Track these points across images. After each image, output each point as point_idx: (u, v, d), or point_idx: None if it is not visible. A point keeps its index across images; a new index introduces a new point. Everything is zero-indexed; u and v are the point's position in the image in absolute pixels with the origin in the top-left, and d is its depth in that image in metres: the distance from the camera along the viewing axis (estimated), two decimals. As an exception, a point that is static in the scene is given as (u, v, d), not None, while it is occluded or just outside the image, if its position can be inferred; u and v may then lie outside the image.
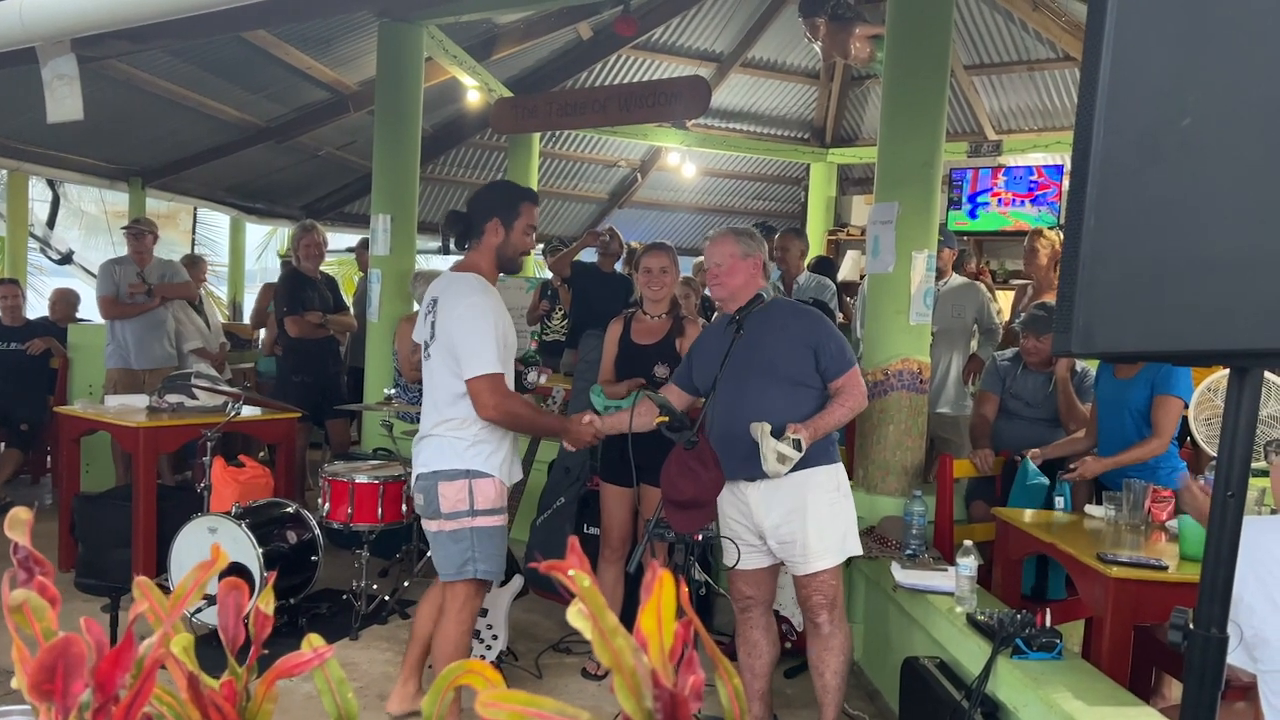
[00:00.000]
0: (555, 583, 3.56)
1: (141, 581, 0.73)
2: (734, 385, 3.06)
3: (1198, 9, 1.18)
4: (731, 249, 3.11)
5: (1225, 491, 1.34)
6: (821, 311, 3.49)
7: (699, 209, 11.88)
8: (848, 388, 3.04)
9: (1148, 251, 1.22)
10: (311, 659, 0.76)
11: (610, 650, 0.58)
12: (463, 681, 0.74)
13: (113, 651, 0.57)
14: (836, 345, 3.06)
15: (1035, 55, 8.66)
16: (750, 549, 3.15)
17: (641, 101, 6.35)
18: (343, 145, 9.06)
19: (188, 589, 0.63)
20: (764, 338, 3.06)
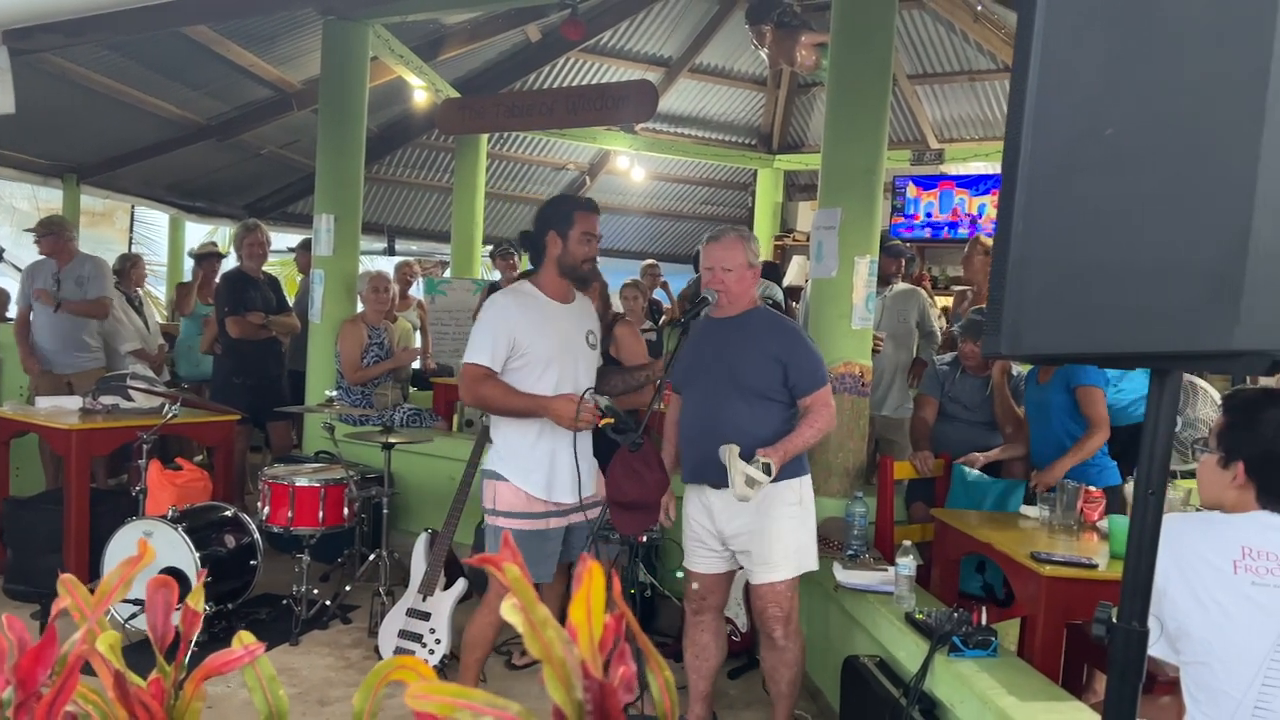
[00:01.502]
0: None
1: (67, 579, 0.73)
2: (701, 391, 3.10)
3: (1122, 24, 1.22)
4: (742, 257, 3.08)
5: (1146, 490, 1.39)
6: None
7: (647, 213, 11.92)
8: (816, 407, 3.02)
9: (1073, 256, 1.26)
10: (241, 656, 0.76)
11: (540, 641, 0.59)
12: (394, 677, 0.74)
13: (34, 648, 0.57)
14: (809, 363, 3.05)
15: (976, 66, 8.84)
16: (710, 552, 3.17)
17: (589, 105, 6.35)
18: (286, 144, 8.92)
19: (113, 585, 0.63)
20: (734, 347, 3.06)
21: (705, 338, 3.15)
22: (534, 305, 3.18)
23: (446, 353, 8.51)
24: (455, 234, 9.49)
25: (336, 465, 4.68)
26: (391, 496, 4.54)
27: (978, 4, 7.72)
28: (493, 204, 10.65)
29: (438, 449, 5.30)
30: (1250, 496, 1.83)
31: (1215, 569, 1.73)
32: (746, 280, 3.10)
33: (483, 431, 4.25)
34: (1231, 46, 1.17)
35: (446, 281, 9.05)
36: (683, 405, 3.22)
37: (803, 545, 3.09)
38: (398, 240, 11.18)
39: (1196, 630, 1.72)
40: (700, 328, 3.16)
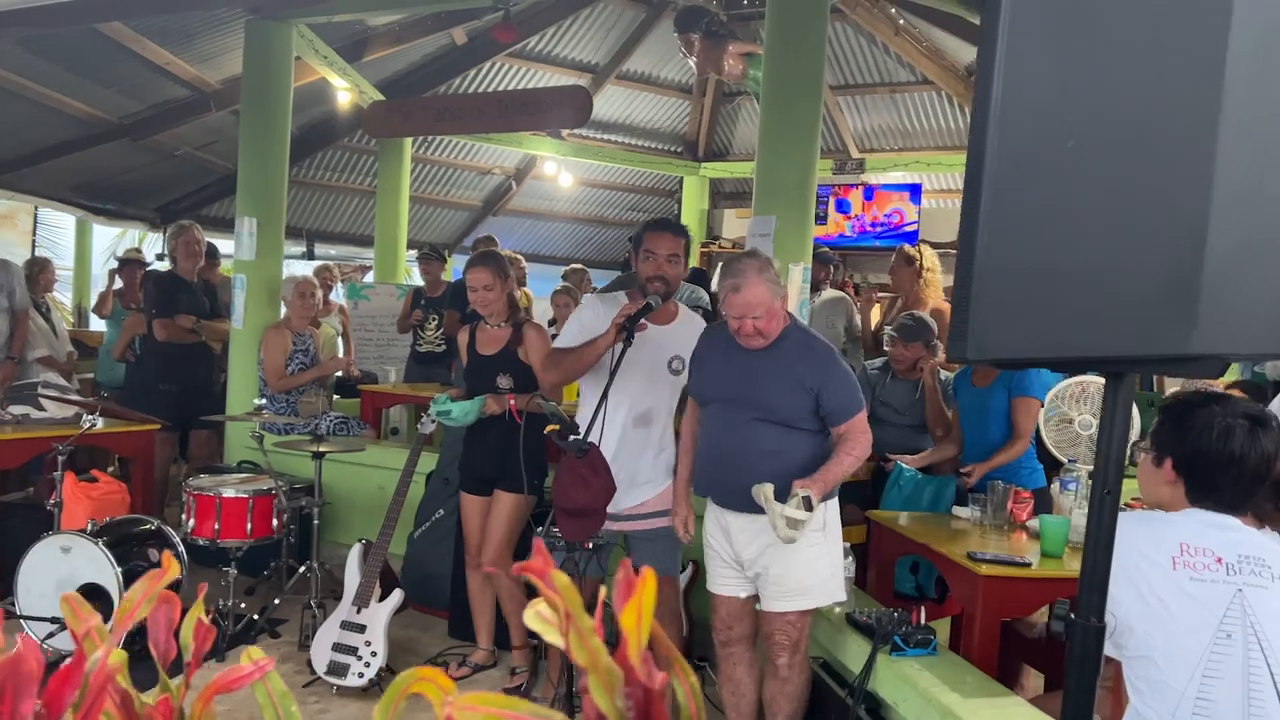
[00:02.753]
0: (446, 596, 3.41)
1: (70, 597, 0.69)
2: (725, 414, 2.90)
3: (1081, 38, 1.26)
4: (766, 294, 2.75)
5: (1103, 489, 1.44)
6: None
7: (574, 218, 11.91)
8: (852, 434, 2.81)
9: (1035, 263, 1.29)
10: (252, 672, 0.73)
11: (587, 649, 0.58)
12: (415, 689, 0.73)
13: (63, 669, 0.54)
14: (842, 389, 2.81)
15: (896, 78, 9.06)
16: (730, 576, 2.99)
17: (522, 109, 6.32)
18: (202, 145, 8.67)
19: (135, 601, 0.60)
20: (763, 374, 2.84)
21: (725, 355, 2.91)
22: (600, 307, 3.22)
23: (371, 359, 8.36)
24: (379, 238, 9.34)
25: (263, 475, 4.55)
26: (323, 507, 4.43)
27: (899, 18, 7.92)
28: (417, 208, 10.51)
29: (369, 458, 5.20)
30: (1181, 493, 1.91)
31: (1155, 565, 1.80)
32: (777, 314, 2.81)
33: (418, 439, 4.20)
34: (1186, 56, 1.22)
35: (370, 286, 8.90)
36: (704, 420, 3.01)
37: (827, 576, 2.88)
38: (317, 244, 10.96)
39: (1139, 625, 1.78)
40: (720, 341, 2.93)
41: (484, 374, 3.83)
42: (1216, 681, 1.70)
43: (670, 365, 3.25)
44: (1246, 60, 1.19)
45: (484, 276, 3.79)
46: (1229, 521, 1.85)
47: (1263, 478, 1.85)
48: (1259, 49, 1.20)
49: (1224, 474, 1.83)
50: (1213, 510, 1.86)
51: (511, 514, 3.77)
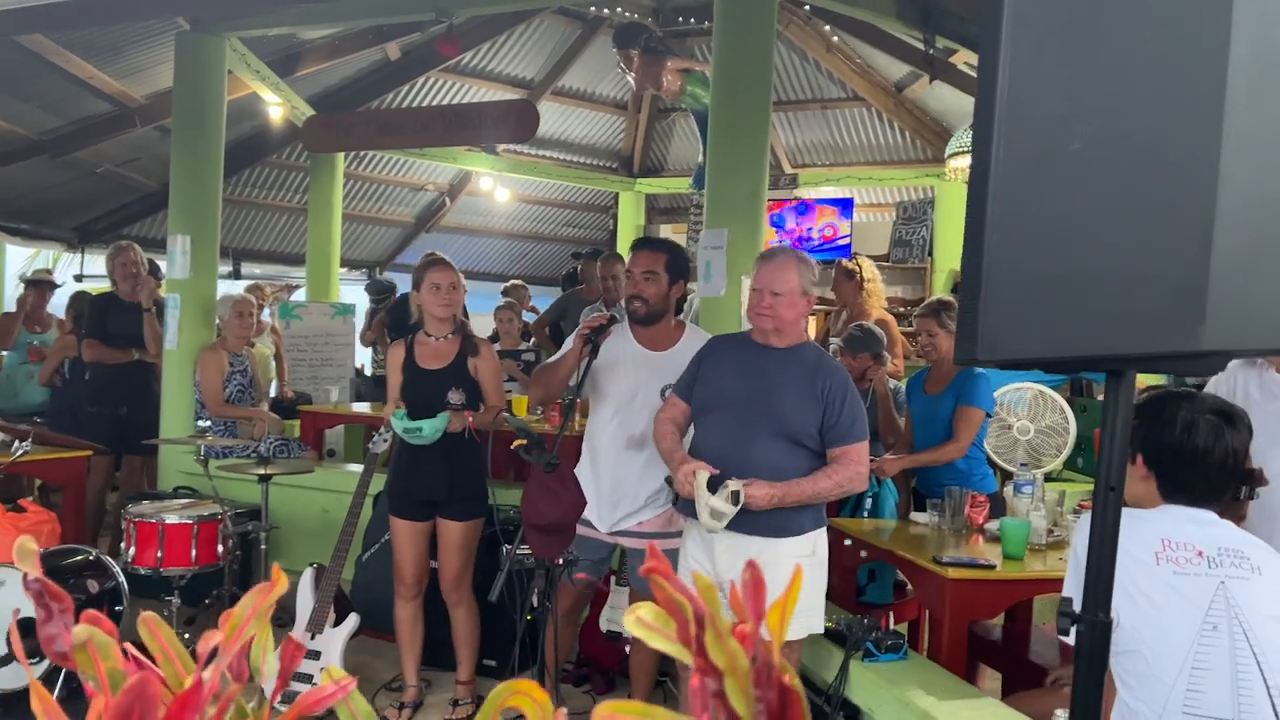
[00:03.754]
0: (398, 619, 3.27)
1: (149, 617, 0.65)
2: (727, 423, 2.78)
3: (1084, 41, 1.29)
4: (796, 281, 2.71)
5: (1106, 487, 1.47)
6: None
7: (509, 234, 11.83)
8: (844, 461, 2.71)
9: (1044, 265, 1.31)
10: (335, 692, 0.70)
11: (726, 652, 0.56)
12: (510, 703, 0.70)
13: (185, 692, 0.50)
14: (850, 411, 2.72)
15: (828, 94, 9.22)
16: None
17: (466, 123, 6.25)
18: (125, 162, 8.39)
19: (245, 617, 0.56)
20: (777, 382, 2.74)
21: (737, 363, 2.82)
22: (616, 344, 3.12)
23: (304, 379, 8.17)
24: (310, 256, 9.15)
25: (206, 500, 4.40)
26: (269, 531, 4.30)
27: (832, 35, 8.07)
28: (348, 225, 10.32)
29: (313, 480, 5.07)
30: (1154, 488, 1.96)
31: (1138, 561, 1.84)
32: (799, 308, 2.74)
33: (370, 459, 4.10)
34: (1187, 60, 1.25)
35: (302, 305, 8.70)
36: (700, 430, 2.90)
37: (808, 606, 2.76)
38: (243, 263, 10.68)
39: (1126, 621, 1.82)
40: (730, 350, 2.86)
41: (430, 389, 3.63)
42: (1205, 673, 1.74)
43: (663, 394, 3.09)
44: (1247, 66, 1.23)
45: (450, 274, 3.66)
46: (1206, 516, 1.90)
47: (1230, 471, 1.91)
48: (1258, 55, 1.24)
49: (1190, 468, 1.88)
50: (1187, 505, 1.91)
51: (469, 541, 3.67)
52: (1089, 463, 5.74)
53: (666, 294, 3.14)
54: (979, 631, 3.63)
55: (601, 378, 3.10)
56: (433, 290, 3.62)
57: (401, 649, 3.87)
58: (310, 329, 8.39)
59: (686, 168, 9.77)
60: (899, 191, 10.02)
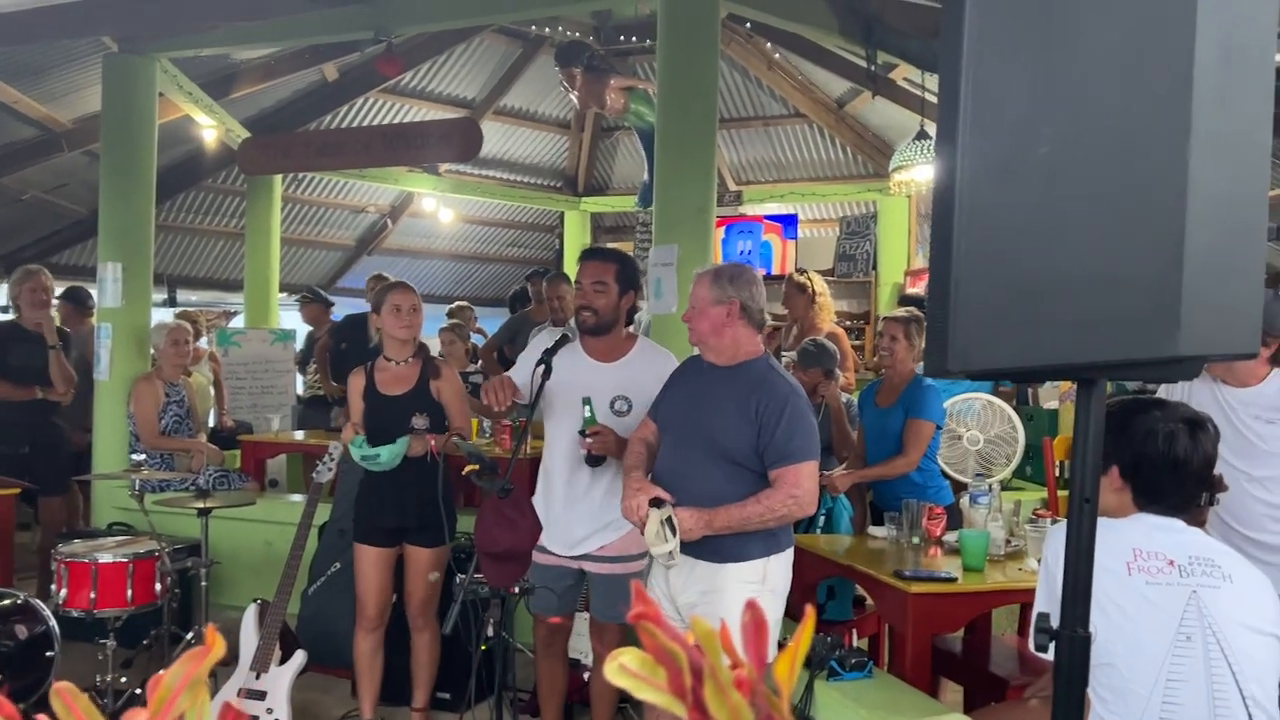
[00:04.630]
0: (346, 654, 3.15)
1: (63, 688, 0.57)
2: (673, 445, 2.76)
3: (1046, 46, 1.26)
4: (705, 292, 2.70)
5: (1081, 499, 1.43)
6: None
7: (453, 256, 11.70)
8: (781, 484, 2.56)
9: (1015, 273, 1.28)
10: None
11: (729, 706, 0.50)
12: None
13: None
14: (787, 429, 2.58)
15: (770, 111, 9.27)
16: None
17: (408, 143, 6.13)
18: (53, 188, 8.13)
19: (176, 687, 0.49)
20: (714, 401, 2.69)
21: (690, 383, 2.78)
22: (567, 359, 3.02)
23: (244, 408, 7.96)
24: (249, 282, 8.95)
25: (142, 537, 4.22)
26: (210, 567, 4.14)
27: (774, 53, 8.12)
28: (287, 249, 10.11)
29: (256, 513, 4.90)
30: (1128, 499, 1.94)
31: (1110, 572, 1.82)
32: (711, 318, 2.67)
33: (314, 489, 3.97)
34: (1153, 64, 1.23)
35: (241, 332, 8.49)
36: (660, 452, 2.83)
37: None
38: (179, 290, 10.41)
39: (1099, 633, 1.79)
40: (688, 372, 2.81)
41: (392, 414, 3.53)
42: (1180, 685, 1.72)
43: (613, 405, 3.02)
44: (1213, 68, 1.21)
45: (411, 297, 3.58)
46: (1175, 524, 1.89)
47: (1204, 479, 1.90)
48: (1224, 57, 1.22)
49: (1170, 478, 1.86)
50: (1159, 514, 1.90)
51: (439, 566, 3.56)
52: (1038, 470, 5.79)
53: (617, 304, 3.06)
54: (939, 644, 3.61)
55: (553, 394, 3.02)
56: (394, 313, 3.54)
57: (360, 682, 3.75)
58: (249, 356, 8.19)
59: (632, 186, 9.75)
60: (842, 207, 10.11)
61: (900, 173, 6.88)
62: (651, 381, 2.92)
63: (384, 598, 3.66)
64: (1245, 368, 2.78)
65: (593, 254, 3.18)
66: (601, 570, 3.04)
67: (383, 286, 3.75)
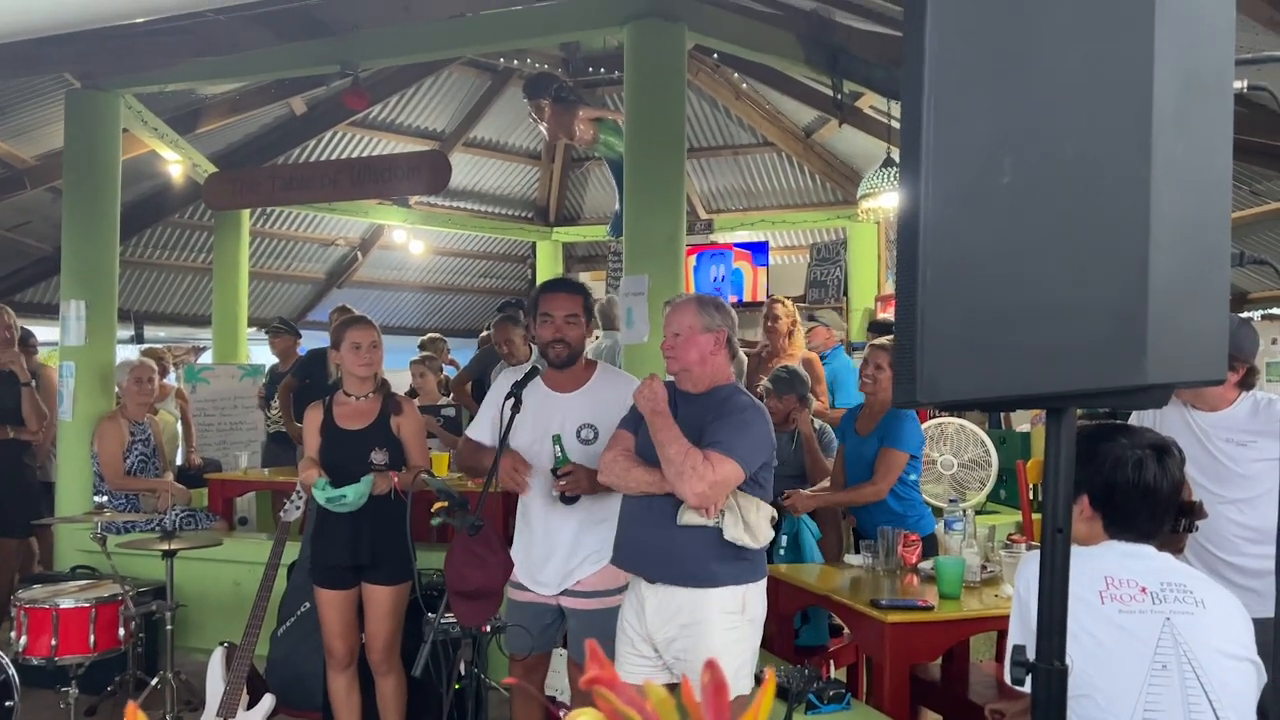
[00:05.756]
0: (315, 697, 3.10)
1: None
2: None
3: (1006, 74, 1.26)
4: (691, 319, 2.69)
5: (1053, 528, 1.42)
6: None
7: (424, 288, 11.65)
8: (703, 457, 2.50)
9: (981, 301, 1.27)
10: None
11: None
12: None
13: None
14: (725, 424, 2.58)
15: (739, 140, 9.34)
16: (640, 659, 2.69)
17: (376, 176, 6.09)
18: (15, 226, 8.02)
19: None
20: (684, 428, 2.60)
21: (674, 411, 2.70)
22: (530, 391, 2.98)
23: (213, 445, 7.84)
24: (216, 317, 8.85)
25: (105, 580, 4.13)
26: (176, 610, 4.05)
27: (741, 83, 8.18)
28: (256, 283, 10.02)
29: (223, 553, 4.80)
30: (1099, 528, 1.92)
31: (1083, 602, 1.80)
32: (700, 346, 2.67)
33: (282, 528, 3.89)
34: (1112, 92, 1.23)
35: (209, 368, 8.38)
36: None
37: (739, 665, 2.60)
38: (146, 326, 10.29)
39: (1075, 664, 1.76)
40: (674, 396, 2.73)
41: (352, 450, 3.47)
42: (1158, 715, 1.70)
43: (579, 434, 2.98)
44: (1171, 92, 1.21)
45: (371, 333, 3.52)
46: (1146, 550, 1.88)
47: (1173, 504, 1.90)
48: (1182, 81, 1.23)
49: (1141, 505, 1.85)
50: (1130, 541, 1.88)
51: (398, 606, 3.47)
52: (1012, 494, 5.80)
53: (584, 335, 3.07)
54: (918, 673, 3.58)
55: (522, 430, 2.98)
56: (353, 350, 3.48)
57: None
58: (218, 392, 8.08)
59: (603, 215, 9.76)
60: (812, 234, 10.17)
61: (868, 200, 6.93)
62: (615, 406, 2.90)
63: (351, 638, 3.58)
64: (1215, 392, 2.79)
65: (561, 286, 3.16)
66: (579, 605, 2.98)
67: (341, 322, 3.69)
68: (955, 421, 5.90)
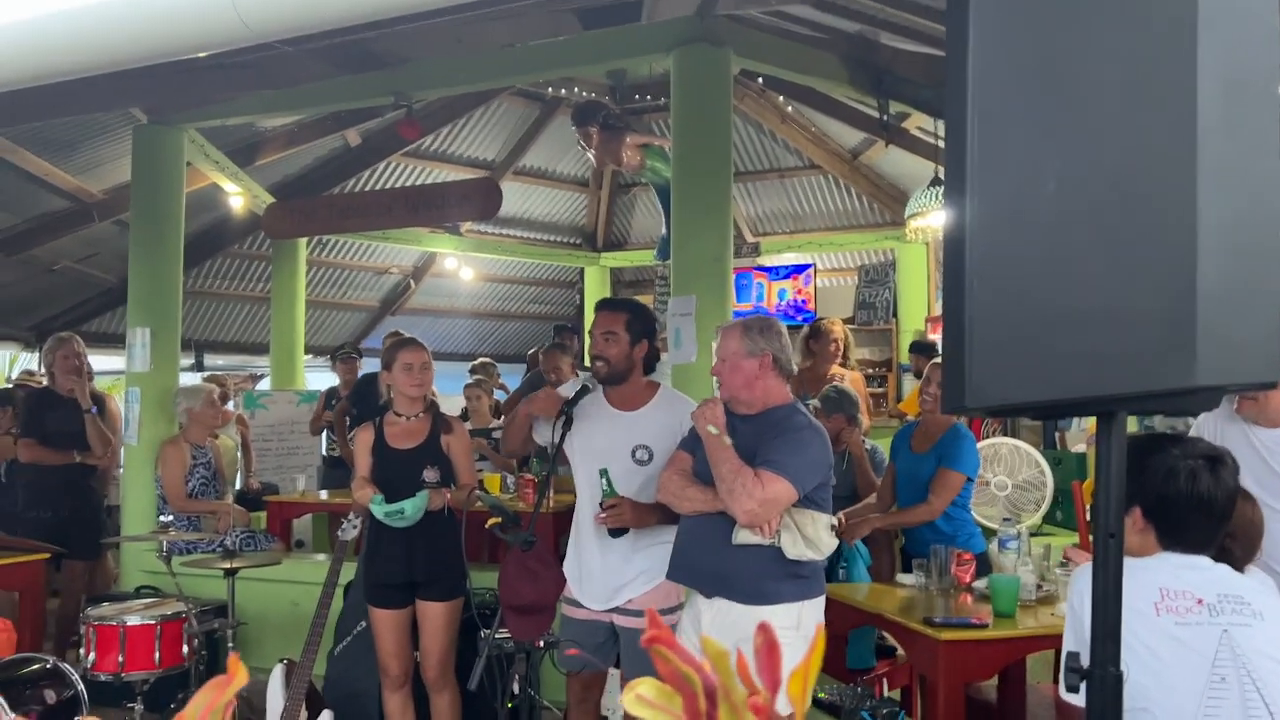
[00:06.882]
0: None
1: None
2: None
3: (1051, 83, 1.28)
4: (735, 345, 2.73)
5: (1106, 534, 1.42)
6: None
7: (475, 314, 11.81)
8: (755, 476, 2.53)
9: (1029, 309, 1.28)
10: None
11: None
12: None
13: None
14: (781, 443, 2.61)
15: (785, 164, 9.37)
16: None
17: (430, 204, 6.23)
18: (83, 258, 8.30)
19: (199, 716, 0.50)
20: (740, 451, 2.63)
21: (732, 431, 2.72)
22: (589, 408, 3.04)
23: (270, 469, 8.01)
24: (275, 345, 9.07)
25: (169, 599, 4.23)
26: (237, 628, 4.14)
27: (786, 106, 8.22)
28: (312, 312, 10.25)
29: (281, 573, 4.90)
30: (1152, 539, 1.91)
31: (1138, 614, 1.78)
32: (745, 371, 2.70)
33: (340, 548, 3.97)
34: (1156, 99, 1.25)
35: (267, 394, 8.58)
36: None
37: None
38: (205, 354, 10.56)
39: (1132, 676, 1.75)
40: (733, 421, 2.73)
41: (404, 469, 3.55)
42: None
43: (634, 454, 2.98)
44: (1215, 97, 1.23)
45: (422, 354, 3.60)
46: (1201, 562, 1.86)
47: (1228, 515, 1.88)
48: (1226, 86, 1.24)
49: (1196, 516, 1.84)
50: (1184, 552, 1.87)
51: (452, 622, 3.52)
52: (1068, 515, 5.71)
53: (629, 353, 3.04)
54: (974, 695, 3.54)
55: (577, 445, 3.02)
56: (405, 370, 3.56)
57: None
58: (275, 418, 8.27)
59: (650, 240, 9.83)
60: (860, 255, 10.14)
61: (916, 220, 6.90)
62: (673, 429, 2.93)
63: (405, 657, 3.64)
64: (1276, 407, 2.75)
65: (603, 305, 3.21)
66: (631, 624, 2.98)
67: (393, 344, 3.77)
68: (1009, 442, 5.83)
